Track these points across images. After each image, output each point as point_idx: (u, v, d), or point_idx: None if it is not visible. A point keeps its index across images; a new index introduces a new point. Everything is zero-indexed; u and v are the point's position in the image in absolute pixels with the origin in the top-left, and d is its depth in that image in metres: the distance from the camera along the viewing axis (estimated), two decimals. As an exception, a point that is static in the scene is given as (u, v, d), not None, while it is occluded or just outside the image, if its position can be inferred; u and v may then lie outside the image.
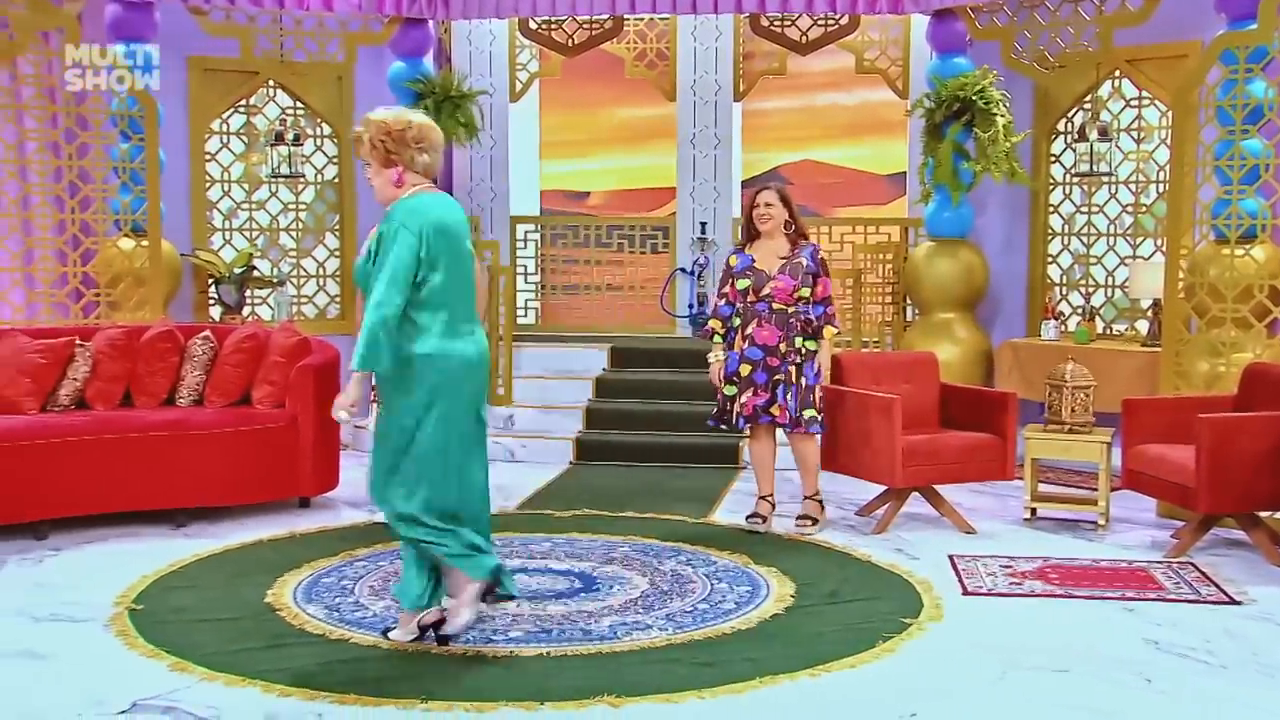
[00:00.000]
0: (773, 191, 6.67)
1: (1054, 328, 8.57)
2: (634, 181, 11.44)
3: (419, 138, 4.57)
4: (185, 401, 7.11)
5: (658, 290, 10.78)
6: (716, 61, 10.54)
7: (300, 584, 5.57)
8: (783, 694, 4.30)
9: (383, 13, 9.19)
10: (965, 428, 6.92)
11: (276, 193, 9.69)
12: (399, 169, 4.56)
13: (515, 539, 6.45)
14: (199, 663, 4.49)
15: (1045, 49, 8.72)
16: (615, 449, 8.68)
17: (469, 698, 4.19)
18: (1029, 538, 6.60)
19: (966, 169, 8.65)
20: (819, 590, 5.53)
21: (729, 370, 6.60)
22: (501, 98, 10.59)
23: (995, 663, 4.60)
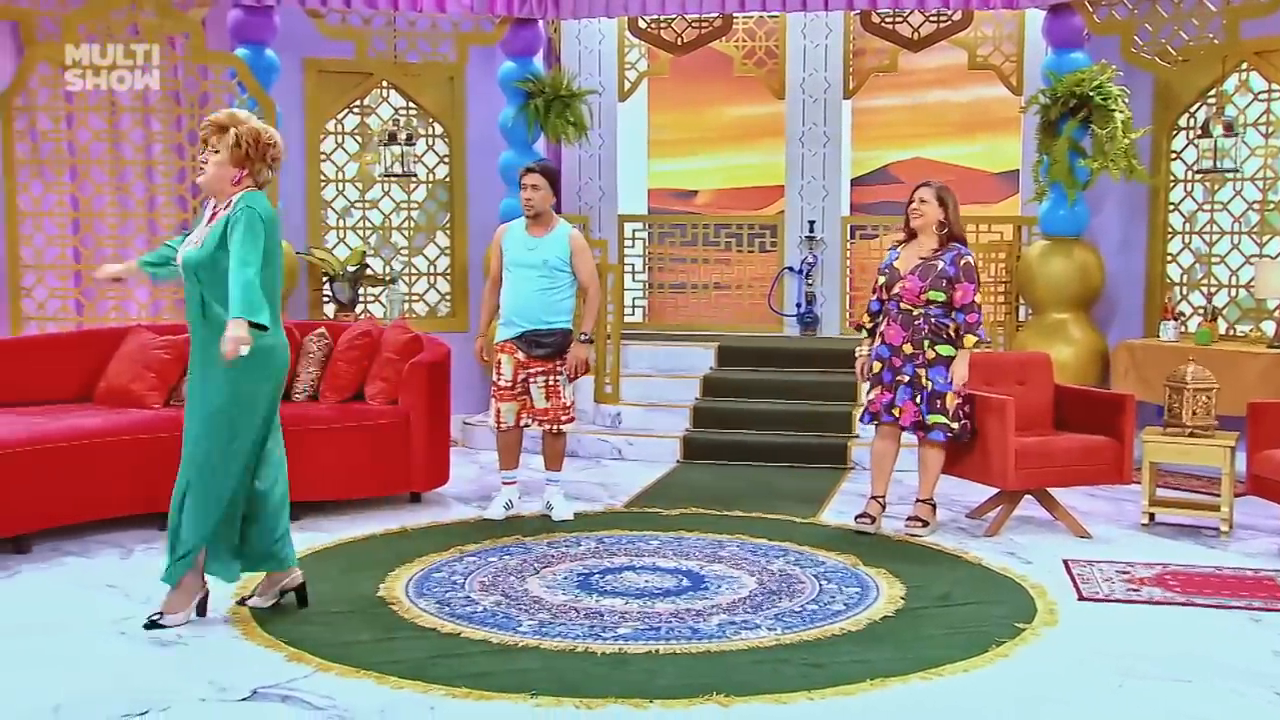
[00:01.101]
0: (930, 189, 6.56)
1: (1173, 328, 8.35)
2: (742, 180, 11.40)
3: (275, 157, 4.95)
4: (300, 397, 7.26)
5: (765, 289, 10.74)
6: (826, 59, 10.46)
7: (412, 578, 5.65)
8: (894, 697, 4.25)
9: (494, 13, 9.28)
10: (1080, 430, 6.78)
11: (389, 192, 9.85)
12: (244, 173, 4.87)
13: (623, 537, 6.47)
14: (315, 654, 4.58)
15: (1167, 42, 8.49)
16: (722, 448, 8.67)
17: (577, 694, 4.21)
18: (1147, 543, 6.44)
19: (1083, 166, 8.47)
20: (930, 593, 5.46)
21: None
22: (610, 97, 10.64)
23: (1113, 671, 4.49)
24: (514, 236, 6.81)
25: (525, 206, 6.77)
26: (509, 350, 6.74)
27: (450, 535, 6.48)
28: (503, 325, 6.79)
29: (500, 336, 6.79)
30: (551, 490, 6.97)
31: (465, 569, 5.82)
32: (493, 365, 6.85)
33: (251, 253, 4.67)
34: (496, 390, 6.79)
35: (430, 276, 10.00)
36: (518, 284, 6.74)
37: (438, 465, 7.23)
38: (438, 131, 9.88)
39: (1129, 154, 8.29)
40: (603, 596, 5.38)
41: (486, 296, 7.03)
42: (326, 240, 9.63)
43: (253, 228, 4.70)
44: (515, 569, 5.82)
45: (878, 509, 6.65)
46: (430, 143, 9.88)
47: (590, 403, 9.21)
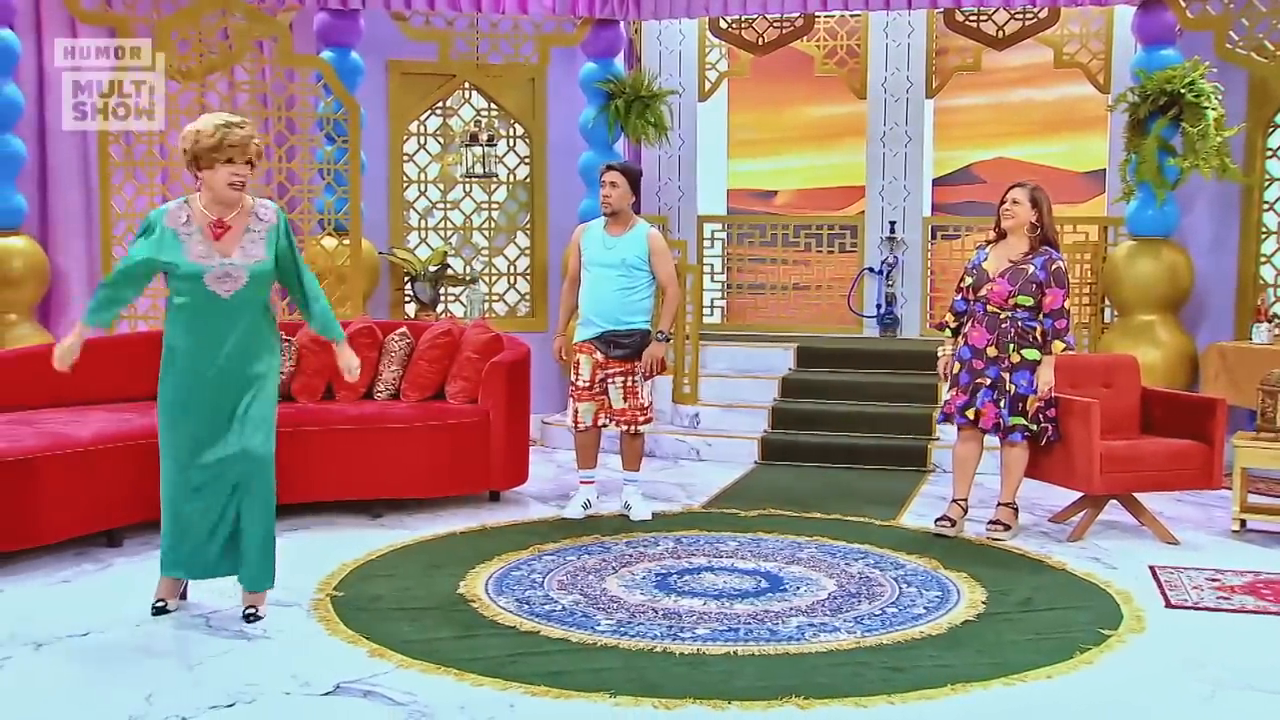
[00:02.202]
0: (1024, 189, 6.46)
1: (1267, 331, 8.14)
2: (822, 180, 11.33)
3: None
4: (383, 396, 7.34)
5: (845, 290, 10.67)
6: (908, 58, 10.37)
7: (491, 576, 5.69)
8: (976, 702, 4.20)
9: (575, 14, 9.33)
10: (1168, 434, 6.64)
11: (470, 192, 9.93)
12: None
13: (701, 537, 6.47)
14: (396, 650, 4.63)
15: (1265, 37, 8.28)
16: (801, 449, 8.63)
17: (656, 694, 4.21)
18: (1238, 550, 6.30)
19: (1172, 165, 8.30)
20: (1012, 597, 5.39)
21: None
22: (690, 97, 10.64)
23: (1203, 681, 4.40)
24: (592, 236, 6.83)
25: (603, 204, 6.78)
26: (587, 350, 6.76)
27: (529, 534, 6.51)
28: (581, 325, 6.81)
29: (579, 336, 6.81)
30: (629, 490, 6.98)
31: (544, 568, 5.85)
32: (571, 365, 6.87)
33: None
34: (574, 390, 6.82)
35: (510, 276, 10.07)
36: (596, 284, 6.76)
37: (517, 464, 7.28)
38: (519, 132, 9.95)
39: (1221, 152, 8.11)
40: (681, 597, 5.38)
41: (565, 295, 7.06)
42: (408, 240, 9.74)
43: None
44: (594, 568, 5.84)
45: (959, 512, 6.58)
46: (511, 143, 9.95)
47: (669, 403, 9.21)
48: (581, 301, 6.84)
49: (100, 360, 7.02)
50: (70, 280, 8.35)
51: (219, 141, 4.82)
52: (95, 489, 5.98)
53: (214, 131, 4.82)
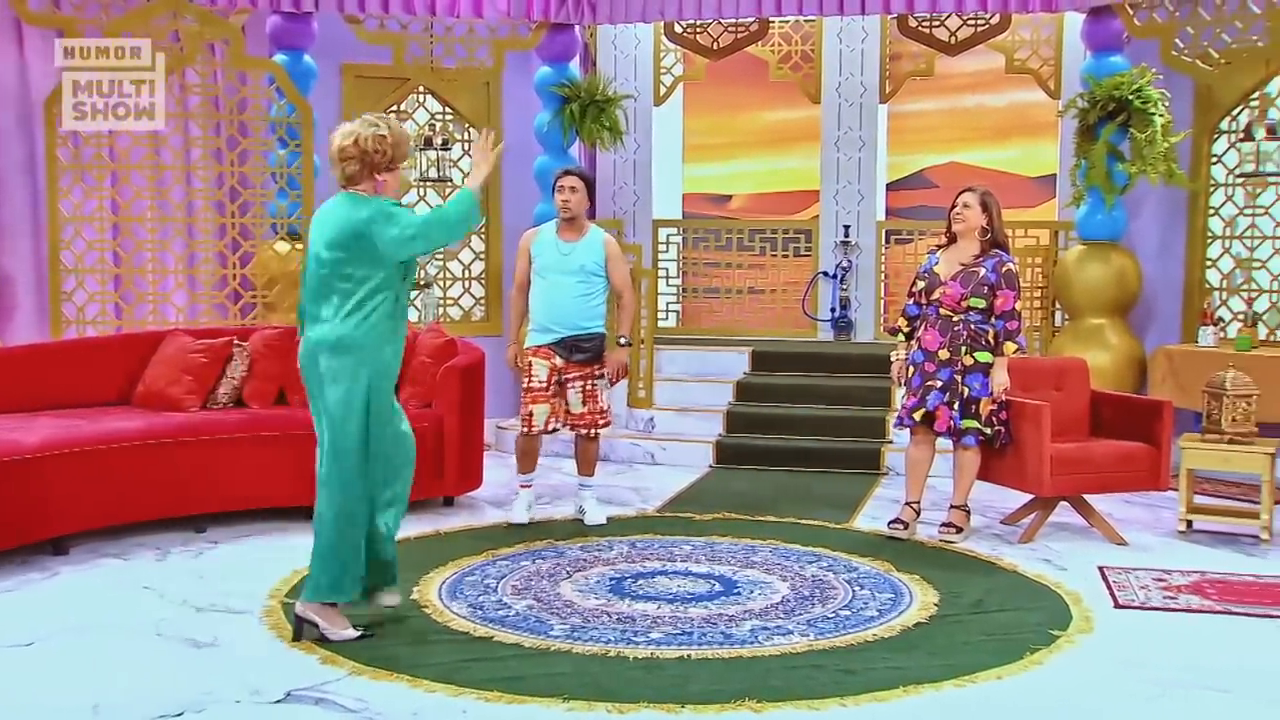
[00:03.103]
0: (974, 194, 6.53)
1: (1212, 334, 8.26)
2: (777, 185, 11.39)
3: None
4: (337, 400, 7.29)
5: (799, 294, 10.72)
6: (862, 63, 10.44)
7: (445, 582, 5.67)
8: (927, 704, 4.23)
9: (530, 18, 9.32)
10: (1117, 436, 6.72)
11: (425, 196, 9.89)
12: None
13: (655, 541, 6.47)
14: (348, 657, 4.60)
15: (1209, 45, 8.41)
16: (756, 452, 8.65)
17: (609, 698, 4.21)
18: (1184, 551, 6.38)
19: (1121, 171, 8.41)
20: (964, 599, 5.43)
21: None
22: (646, 101, 10.66)
23: (1150, 680, 4.45)
24: (545, 242, 6.79)
25: (562, 209, 6.76)
26: (544, 355, 6.72)
27: (483, 539, 6.49)
28: (536, 331, 6.75)
29: (532, 342, 6.75)
30: (585, 495, 6.98)
31: (498, 573, 5.84)
32: (522, 369, 6.82)
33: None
34: (528, 393, 6.77)
35: (465, 281, 10.04)
36: (553, 290, 6.72)
37: (471, 469, 7.25)
38: (474, 136, 9.92)
39: (1168, 158, 8.22)
40: (635, 601, 5.38)
41: (516, 302, 6.97)
42: (362, 245, 9.67)
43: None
44: (548, 573, 5.83)
45: (912, 515, 6.62)
46: (466, 148, 9.92)
47: (624, 407, 9.22)
48: (535, 308, 6.78)
49: (48, 365, 6.96)
50: (17, 284, 8.24)
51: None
52: (41, 496, 5.90)
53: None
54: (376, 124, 4.85)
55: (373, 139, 4.79)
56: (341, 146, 4.80)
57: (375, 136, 4.79)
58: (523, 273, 6.88)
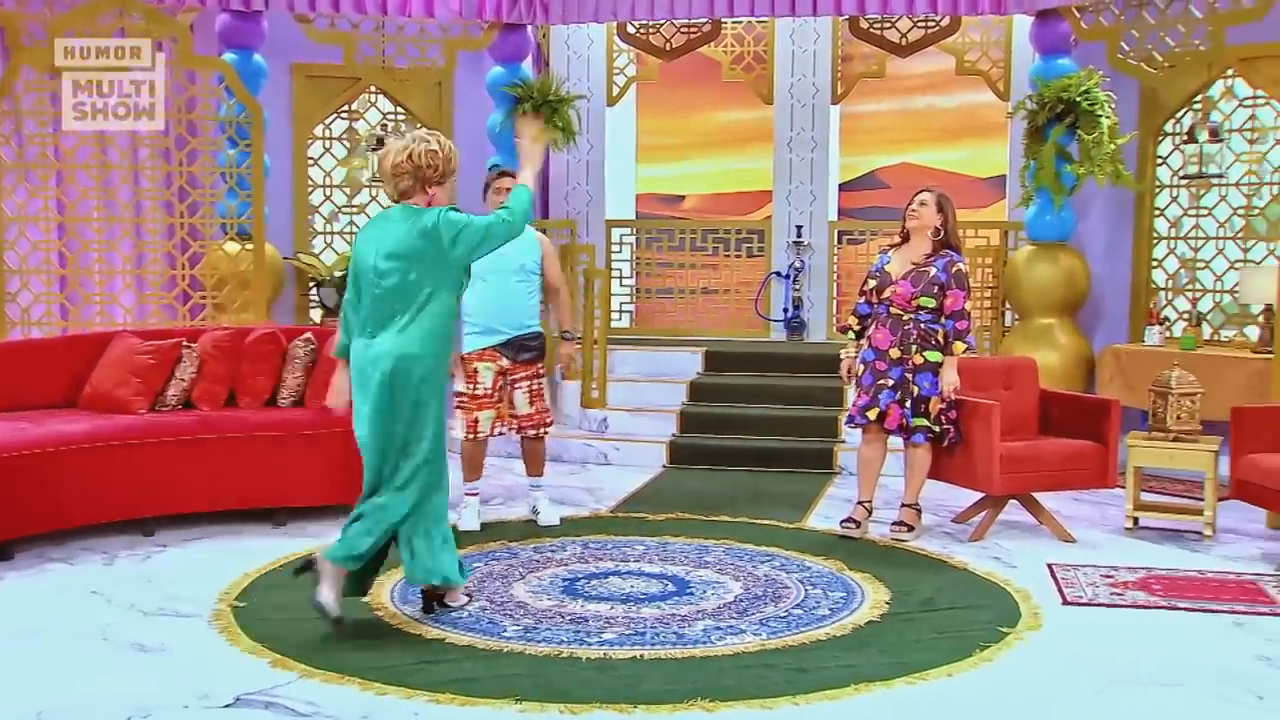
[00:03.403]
0: (931, 194, 6.60)
1: (1158, 333, 8.38)
2: (730, 185, 11.41)
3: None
4: (286, 403, 7.23)
5: (753, 294, 10.75)
6: (814, 64, 10.50)
7: (397, 584, 5.63)
8: (879, 701, 4.26)
9: (483, 18, 9.29)
10: (1065, 434, 6.80)
11: (377, 197, 9.84)
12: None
13: (609, 542, 6.47)
14: (299, 660, 4.57)
15: (1154, 48, 8.52)
16: (709, 452, 8.67)
17: (562, 699, 4.21)
18: (1131, 547, 6.46)
19: (1069, 172, 8.50)
20: (915, 597, 5.47)
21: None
22: (599, 102, 10.66)
23: (1098, 675, 4.51)
24: None
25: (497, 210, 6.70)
26: (490, 358, 6.66)
27: (436, 540, 6.46)
28: (479, 334, 6.65)
29: (476, 345, 6.64)
30: (537, 495, 6.96)
31: (451, 574, 5.81)
32: (465, 375, 6.69)
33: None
34: (473, 400, 6.67)
35: (418, 281, 9.97)
36: (498, 291, 6.64)
37: (424, 470, 7.20)
38: (425, 136, 9.87)
39: (1115, 159, 8.32)
40: (588, 602, 5.38)
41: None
42: (314, 245, 9.63)
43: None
44: (500, 574, 5.82)
45: (864, 514, 6.66)
46: (418, 147, 9.86)
47: (576, 407, 9.22)
48: (475, 309, 6.60)
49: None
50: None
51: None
52: (-14, 500, 5.82)
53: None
54: (428, 139, 5.01)
55: (425, 154, 4.95)
56: (396, 162, 4.96)
57: (428, 151, 4.96)
58: None
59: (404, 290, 4.90)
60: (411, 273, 4.88)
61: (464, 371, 6.66)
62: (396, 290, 4.90)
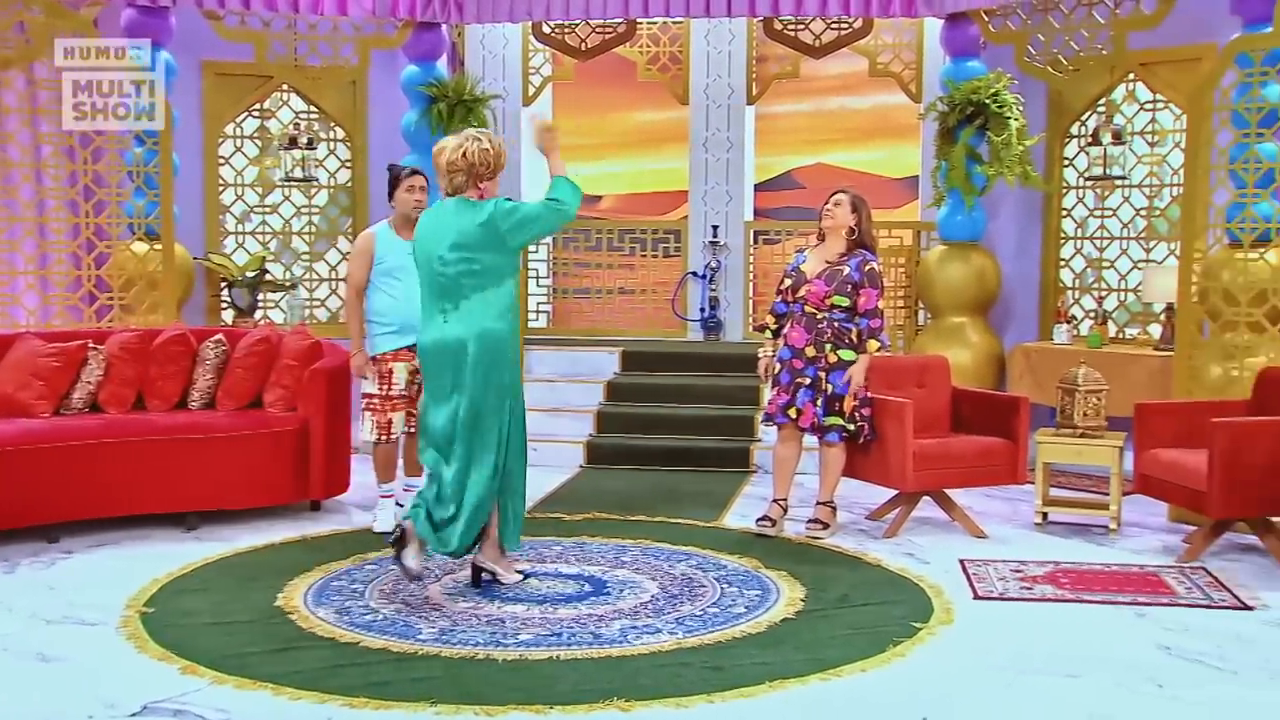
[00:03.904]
0: (846, 194, 6.67)
1: (1066, 332, 8.54)
2: (646, 185, 11.45)
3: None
4: (197, 405, 7.13)
5: (669, 294, 10.78)
6: (729, 65, 10.55)
7: (311, 587, 5.57)
8: (793, 698, 4.29)
9: (396, 17, 9.21)
10: (977, 432, 6.91)
11: (289, 196, 9.72)
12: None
13: (526, 543, 6.42)
14: (210, 666, 4.49)
15: (1059, 52, 8.70)
16: (626, 452, 8.68)
17: (477, 701, 4.19)
18: (1040, 542, 6.58)
19: (979, 173, 8.63)
20: (829, 594, 5.52)
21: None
22: (515, 101, 10.62)
23: (1007, 668, 4.59)
24: (389, 242, 6.60)
25: (415, 208, 6.61)
26: (404, 357, 6.59)
27: (350, 543, 6.40)
28: (393, 334, 6.57)
29: (390, 345, 6.57)
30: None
31: (365, 577, 5.76)
32: (377, 376, 6.62)
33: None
34: (386, 401, 6.61)
35: (332, 282, 9.88)
36: (412, 289, 6.56)
37: (338, 473, 7.15)
38: (339, 136, 9.77)
39: (1023, 160, 8.46)
40: (504, 603, 5.36)
41: (356, 307, 6.65)
42: (225, 245, 9.47)
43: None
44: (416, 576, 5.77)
45: (779, 512, 6.71)
46: (332, 147, 9.77)
47: (495, 408, 9.17)
48: (389, 309, 6.55)
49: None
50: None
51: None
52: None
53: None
54: (479, 138, 5.45)
55: (478, 152, 5.39)
56: (451, 160, 5.39)
57: (480, 150, 5.40)
58: (364, 275, 6.62)
59: (472, 275, 5.35)
60: (476, 261, 5.33)
61: (378, 372, 6.60)
62: (465, 276, 5.34)
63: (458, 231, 5.34)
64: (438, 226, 5.43)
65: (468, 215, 5.35)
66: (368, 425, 6.64)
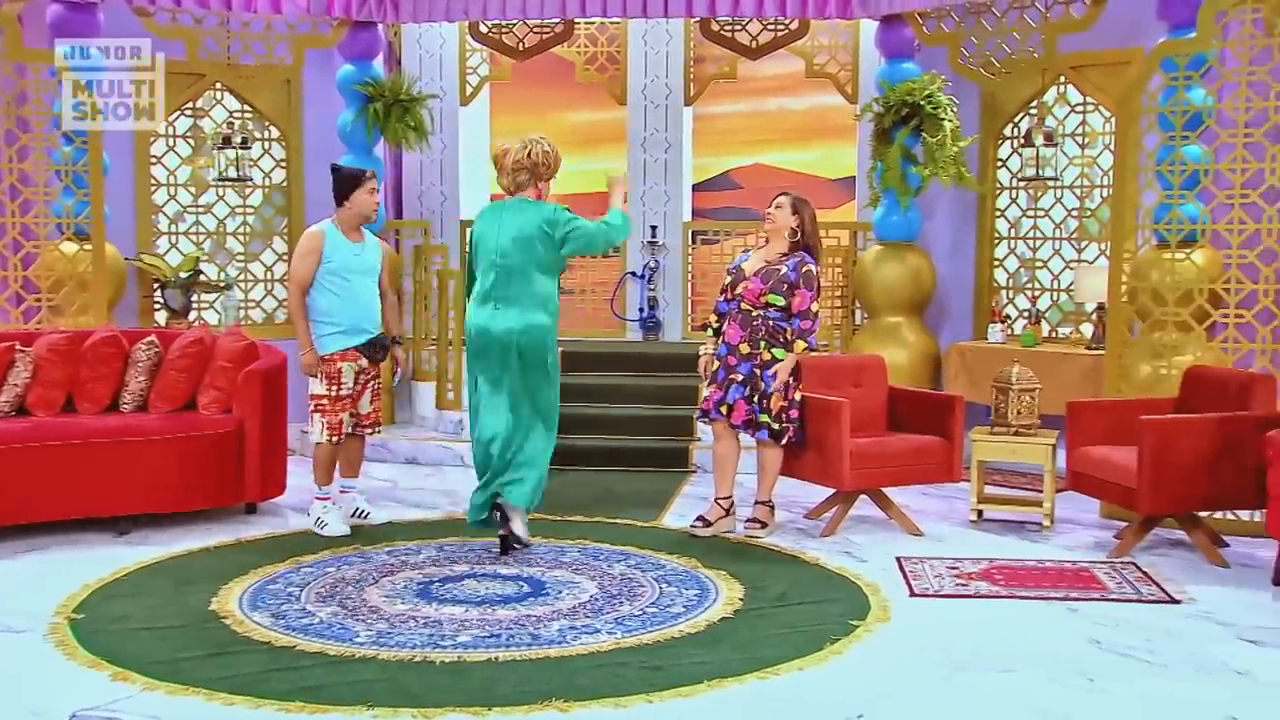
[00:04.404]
0: (786, 197, 6.74)
1: (1000, 331, 8.65)
2: (585, 185, 11.40)
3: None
4: (129, 407, 7.03)
5: (608, 294, 10.78)
6: (667, 66, 10.57)
7: (246, 591, 5.51)
8: (731, 697, 4.31)
9: (331, 15, 9.13)
10: (913, 430, 6.97)
11: (224, 196, 9.60)
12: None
13: (464, 544, 6.42)
14: (141, 672, 4.43)
15: (992, 55, 8.81)
16: (565, 453, 8.58)
17: (415, 704, 4.17)
18: (975, 539, 6.66)
19: (914, 173, 8.71)
20: (768, 593, 5.55)
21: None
22: (452, 101, 10.57)
23: (942, 664, 4.64)
24: (337, 242, 6.57)
25: (374, 210, 6.67)
26: (352, 358, 6.58)
27: (287, 546, 6.34)
28: (342, 334, 6.56)
29: (339, 345, 6.55)
30: (359, 497, 6.95)
31: (301, 580, 5.71)
32: (325, 377, 6.57)
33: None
34: (336, 402, 6.58)
35: (267, 283, 9.78)
36: (360, 291, 6.60)
37: (274, 475, 7.07)
38: (274, 135, 9.67)
39: (958, 161, 8.55)
40: (443, 605, 5.33)
41: (303, 306, 6.54)
42: (158, 246, 9.34)
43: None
44: (354, 579, 5.73)
45: (719, 512, 6.73)
46: (266, 146, 9.66)
47: (432, 410, 9.13)
48: (337, 310, 6.53)
49: None
50: None
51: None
52: None
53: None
54: (541, 141, 6.16)
55: (541, 153, 6.13)
56: (517, 159, 6.10)
57: (542, 151, 6.14)
58: (310, 274, 6.52)
59: (524, 269, 6.04)
60: (530, 257, 6.02)
61: (325, 373, 6.56)
62: (518, 269, 6.04)
63: (518, 227, 6.05)
64: (500, 221, 6.12)
65: (530, 213, 6.08)
66: (318, 427, 6.60)
